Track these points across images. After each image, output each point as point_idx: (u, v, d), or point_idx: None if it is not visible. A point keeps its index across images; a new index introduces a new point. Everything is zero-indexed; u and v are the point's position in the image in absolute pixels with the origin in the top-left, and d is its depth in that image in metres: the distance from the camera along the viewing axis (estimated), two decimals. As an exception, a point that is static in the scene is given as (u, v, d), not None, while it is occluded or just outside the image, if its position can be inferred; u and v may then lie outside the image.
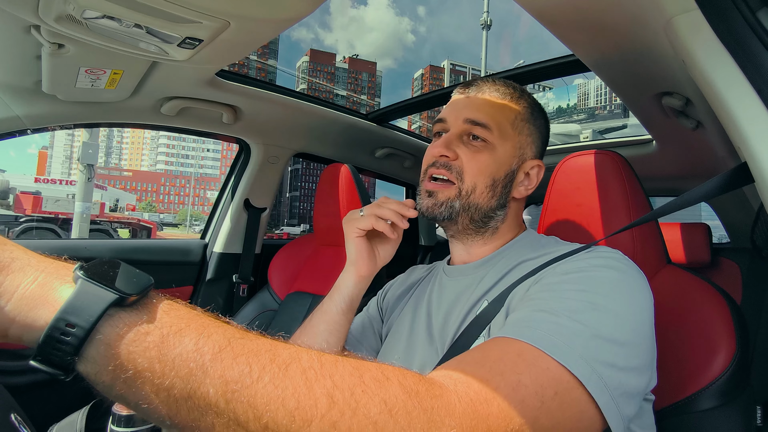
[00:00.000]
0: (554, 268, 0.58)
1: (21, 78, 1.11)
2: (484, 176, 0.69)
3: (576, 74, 1.21)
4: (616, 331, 0.48)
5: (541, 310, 0.50)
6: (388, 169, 2.16)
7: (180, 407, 0.31)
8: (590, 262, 0.56)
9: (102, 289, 0.32)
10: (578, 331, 0.46)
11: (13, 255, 0.33)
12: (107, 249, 1.50)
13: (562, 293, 0.52)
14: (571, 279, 0.54)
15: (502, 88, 0.74)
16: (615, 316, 0.49)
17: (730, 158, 1.25)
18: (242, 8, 0.78)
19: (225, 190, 1.83)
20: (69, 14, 0.77)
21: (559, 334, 0.46)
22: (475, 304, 0.66)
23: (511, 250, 0.72)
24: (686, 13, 0.59)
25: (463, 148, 0.70)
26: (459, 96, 0.75)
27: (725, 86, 0.54)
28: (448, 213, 0.70)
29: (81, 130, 9.71)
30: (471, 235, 0.73)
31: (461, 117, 0.71)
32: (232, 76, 1.34)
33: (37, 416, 0.94)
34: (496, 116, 0.70)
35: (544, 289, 0.55)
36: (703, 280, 0.74)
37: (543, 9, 0.76)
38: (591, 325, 0.47)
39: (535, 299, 0.53)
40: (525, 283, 0.60)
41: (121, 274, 0.34)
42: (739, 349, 0.66)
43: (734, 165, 0.59)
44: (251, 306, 1.53)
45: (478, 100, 0.72)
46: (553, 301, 0.51)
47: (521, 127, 0.72)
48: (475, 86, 0.74)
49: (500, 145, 0.70)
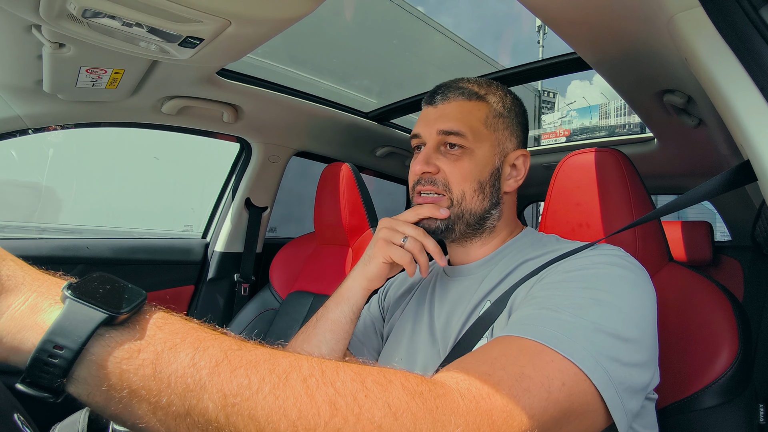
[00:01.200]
0: (557, 267, 0.58)
1: (22, 78, 1.11)
2: (469, 182, 0.69)
3: (577, 72, 1.21)
4: (620, 327, 0.48)
5: (544, 308, 0.50)
6: (388, 167, 2.16)
7: (179, 425, 0.31)
8: (593, 260, 0.56)
9: (90, 308, 0.31)
10: (582, 326, 0.46)
11: (9, 272, 0.33)
12: (108, 249, 1.50)
13: (565, 290, 0.52)
14: (574, 277, 0.54)
15: (468, 88, 0.73)
16: (619, 311, 0.49)
17: (732, 156, 1.25)
18: (243, 7, 0.78)
19: (226, 190, 1.83)
20: (70, 13, 0.77)
21: (562, 329, 0.46)
22: (478, 304, 0.66)
23: (511, 250, 0.72)
24: (688, 11, 0.59)
25: (443, 159, 0.70)
26: (428, 108, 0.75)
27: (727, 83, 0.54)
28: (444, 225, 0.70)
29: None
30: (469, 238, 0.73)
31: (434, 130, 0.71)
32: (233, 75, 1.34)
33: (40, 416, 0.94)
34: (467, 120, 0.70)
35: (547, 287, 0.55)
36: (705, 278, 0.74)
37: (544, 7, 0.76)
38: (595, 320, 0.47)
39: (537, 297, 0.53)
40: (528, 283, 0.60)
41: (111, 291, 0.34)
42: (741, 347, 0.66)
43: (736, 163, 0.59)
44: (252, 305, 1.53)
45: (446, 108, 0.72)
46: (555, 298, 0.51)
47: (495, 123, 0.72)
48: (440, 94, 0.74)
49: (478, 148, 0.70)
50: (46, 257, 1.36)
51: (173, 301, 1.64)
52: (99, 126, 1.40)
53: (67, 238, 1.54)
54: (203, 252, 1.74)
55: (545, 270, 0.59)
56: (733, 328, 0.67)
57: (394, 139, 1.90)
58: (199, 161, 5.02)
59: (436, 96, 0.74)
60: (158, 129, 1.53)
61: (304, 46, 3.79)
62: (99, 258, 1.46)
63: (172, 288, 1.63)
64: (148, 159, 4.83)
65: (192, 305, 1.69)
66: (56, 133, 1.29)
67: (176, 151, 5.05)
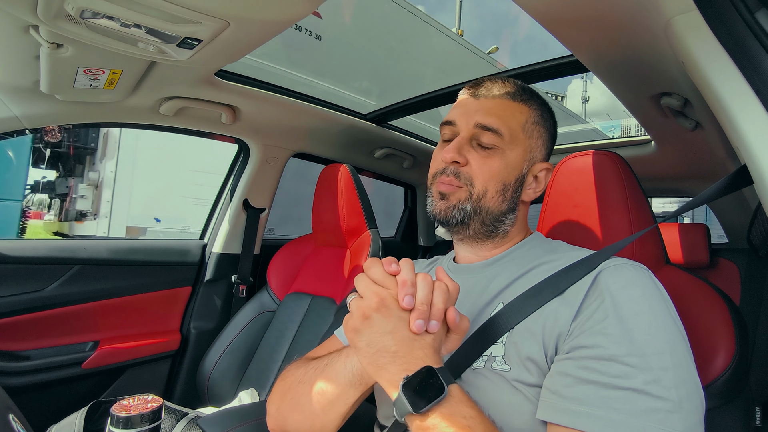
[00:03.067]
0: (603, 303, 0.54)
1: (19, 78, 1.11)
2: (495, 181, 0.68)
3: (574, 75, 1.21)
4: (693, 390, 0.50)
5: (634, 389, 0.48)
6: (387, 169, 2.16)
7: None
8: (645, 305, 0.53)
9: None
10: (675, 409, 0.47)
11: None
12: (105, 249, 1.50)
13: (630, 352, 0.50)
14: (635, 332, 0.51)
15: (512, 88, 0.71)
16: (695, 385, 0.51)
17: (729, 159, 1.25)
18: (242, 8, 0.78)
19: (224, 191, 1.83)
20: (68, 14, 0.77)
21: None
22: (489, 304, 0.65)
23: (522, 252, 0.71)
24: (685, 14, 0.59)
25: (473, 153, 0.68)
26: (468, 97, 0.72)
27: (724, 87, 0.54)
28: (460, 216, 0.68)
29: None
30: (481, 239, 0.72)
31: (472, 121, 0.68)
32: (231, 76, 1.34)
33: (36, 417, 0.94)
34: (508, 120, 0.68)
35: (603, 356, 0.50)
36: (701, 281, 0.75)
37: (542, 9, 0.76)
38: (681, 399, 0.48)
39: (606, 361, 0.50)
40: (563, 312, 0.56)
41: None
42: (737, 349, 0.66)
43: (733, 165, 0.59)
44: (250, 306, 1.53)
45: (488, 103, 0.70)
46: (632, 375, 0.49)
47: (531, 130, 0.70)
48: (484, 87, 0.72)
49: (511, 150, 0.68)
50: (43, 257, 1.36)
51: (171, 303, 1.63)
52: (97, 126, 1.40)
53: (64, 239, 1.54)
54: (201, 253, 1.74)
55: (588, 301, 0.56)
56: (729, 331, 0.67)
57: (392, 140, 1.90)
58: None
59: (480, 86, 0.72)
60: (157, 130, 1.53)
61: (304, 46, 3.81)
62: (96, 259, 1.46)
63: (169, 289, 1.62)
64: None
65: (189, 306, 1.68)
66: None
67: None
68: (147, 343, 1.53)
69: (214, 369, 1.42)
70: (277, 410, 0.68)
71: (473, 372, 0.60)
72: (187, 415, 0.93)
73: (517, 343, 0.58)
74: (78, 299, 1.40)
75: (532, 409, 0.54)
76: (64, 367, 1.35)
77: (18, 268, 1.32)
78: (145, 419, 0.53)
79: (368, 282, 0.54)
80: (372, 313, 0.51)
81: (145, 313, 1.56)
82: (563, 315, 0.56)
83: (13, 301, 1.29)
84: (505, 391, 0.56)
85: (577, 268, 0.59)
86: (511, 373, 0.57)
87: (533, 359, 0.56)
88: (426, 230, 2.52)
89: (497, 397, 0.56)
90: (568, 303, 0.57)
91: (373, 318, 0.51)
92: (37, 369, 1.30)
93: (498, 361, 0.58)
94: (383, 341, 0.50)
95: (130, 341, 1.49)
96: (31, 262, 1.34)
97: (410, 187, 2.46)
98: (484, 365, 0.59)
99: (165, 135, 3.08)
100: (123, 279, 1.51)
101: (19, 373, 1.27)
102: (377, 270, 0.54)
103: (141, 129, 1.51)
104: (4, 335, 1.28)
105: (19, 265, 1.32)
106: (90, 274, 1.44)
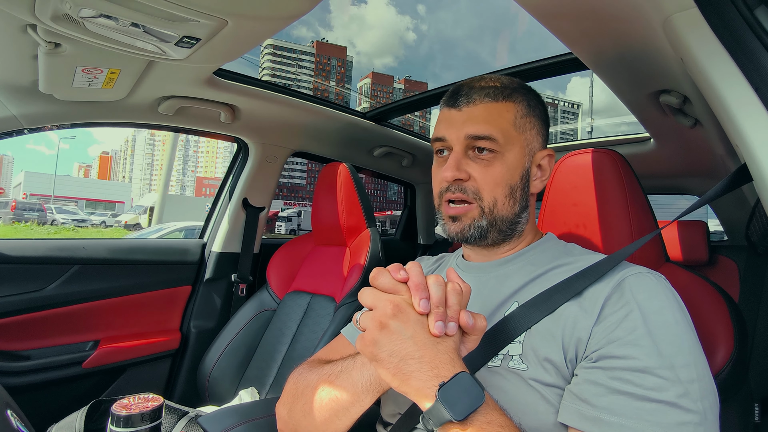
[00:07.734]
0: (631, 312, 0.54)
1: (17, 77, 1.11)
2: (501, 187, 0.67)
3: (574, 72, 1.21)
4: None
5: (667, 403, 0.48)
6: (386, 167, 2.16)
7: None
8: (669, 316, 0.53)
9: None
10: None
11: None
12: (105, 249, 1.50)
13: (661, 365, 0.50)
14: (662, 339, 0.51)
15: (493, 89, 0.69)
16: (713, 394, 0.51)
17: (728, 156, 1.25)
18: (240, 6, 0.77)
19: (223, 190, 1.83)
20: (65, 13, 0.77)
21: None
22: (503, 303, 0.64)
23: (536, 252, 0.70)
24: (684, 11, 0.59)
25: (473, 164, 0.67)
26: (450, 111, 0.70)
27: (723, 84, 0.54)
28: (478, 233, 0.67)
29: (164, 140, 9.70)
30: (499, 243, 0.71)
31: (462, 134, 0.67)
32: (230, 75, 1.34)
33: (36, 417, 0.94)
34: (497, 123, 0.66)
35: (637, 367, 0.50)
36: (701, 278, 0.75)
37: (541, 6, 0.76)
38: (707, 409, 0.48)
39: (640, 373, 0.50)
40: (582, 316, 0.56)
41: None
42: (736, 346, 0.66)
43: (732, 162, 0.59)
44: (250, 305, 1.53)
45: (473, 111, 0.67)
46: (661, 388, 0.49)
47: (523, 124, 0.69)
48: (463, 96, 0.69)
49: (509, 151, 0.67)
50: (43, 257, 1.36)
51: (170, 302, 1.64)
52: (96, 126, 1.40)
53: (63, 238, 1.54)
54: (200, 252, 1.74)
55: (608, 308, 0.55)
56: (728, 328, 0.67)
57: (391, 139, 1.90)
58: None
59: (459, 98, 0.69)
60: (156, 129, 1.53)
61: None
62: (96, 258, 1.46)
63: (169, 288, 1.63)
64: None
65: (189, 306, 1.68)
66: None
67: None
68: (147, 342, 1.53)
69: (214, 368, 1.42)
70: (289, 414, 0.67)
71: (489, 370, 0.59)
72: (187, 414, 0.94)
73: (535, 343, 0.57)
74: (78, 299, 1.40)
75: (548, 409, 0.54)
76: (64, 367, 1.36)
77: (18, 268, 1.32)
78: (145, 418, 0.53)
79: (376, 292, 0.51)
80: (389, 321, 0.48)
81: (145, 313, 1.56)
82: (582, 319, 0.56)
83: (13, 301, 1.29)
84: (522, 390, 0.56)
85: (595, 271, 0.59)
86: (528, 372, 0.57)
87: (551, 360, 0.56)
88: (425, 229, 2.52)
89: (514, 396, 0.56)
90: (587, 307, 0.56)
91: (390, 325, 0.48)
92: (37, 369, 1.31)
93: (515, 360, 0.58)
94: (406, 348, 0.48)
95: (131, 340, 1.50)
96: (31, 261, 1.34)
97: (409, 185, 2.46)
98: (500, 364, 0.59)
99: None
100: (123, 278, 1.51)
101: (19, 373, 1.27)
102: (385, 278, 0.51)
103: (140, 128, 1.51)
104: (4, 335, 1.28)
105: (19, 264, 1.32)
106: (90, 273, 1.44)
